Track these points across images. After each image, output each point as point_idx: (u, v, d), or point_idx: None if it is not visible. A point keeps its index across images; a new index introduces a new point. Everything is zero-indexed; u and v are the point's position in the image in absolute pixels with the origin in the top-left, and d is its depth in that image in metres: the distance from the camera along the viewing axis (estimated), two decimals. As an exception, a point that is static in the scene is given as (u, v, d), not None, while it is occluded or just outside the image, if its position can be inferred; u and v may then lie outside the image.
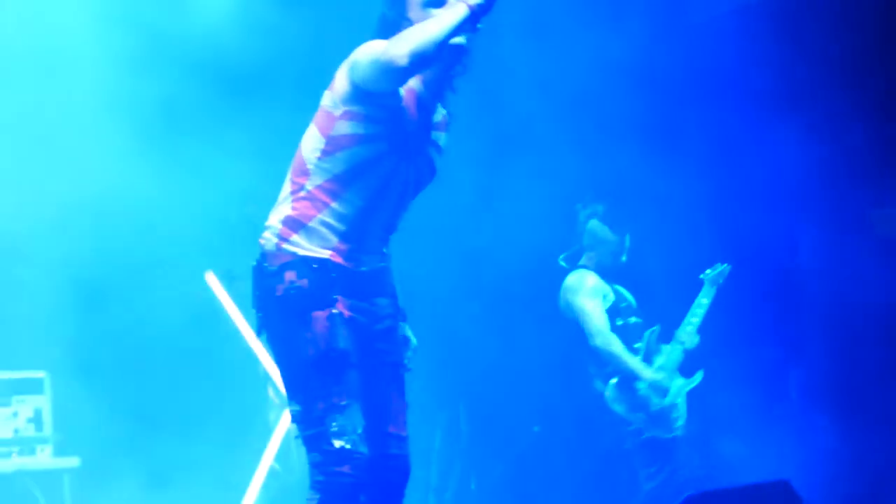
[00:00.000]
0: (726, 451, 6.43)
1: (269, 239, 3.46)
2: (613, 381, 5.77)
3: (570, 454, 6.68)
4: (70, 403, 5.87)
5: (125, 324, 6.42)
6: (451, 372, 6.86)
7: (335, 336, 3.35)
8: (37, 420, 5.67)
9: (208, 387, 6.50)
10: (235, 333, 6.70)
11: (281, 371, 3.51)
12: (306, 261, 3.39)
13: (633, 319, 5.85)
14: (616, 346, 5.74)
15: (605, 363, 5.76)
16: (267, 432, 6.86)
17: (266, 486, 6.67)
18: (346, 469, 3.28)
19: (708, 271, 5.92)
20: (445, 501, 6.95)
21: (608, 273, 5.88)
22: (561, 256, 6.00)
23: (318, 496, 3.30)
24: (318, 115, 3.51)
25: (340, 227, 3.43)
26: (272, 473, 6.74)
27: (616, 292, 5.90)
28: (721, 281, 5.92)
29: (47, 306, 6.08)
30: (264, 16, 6.26)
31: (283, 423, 6.92)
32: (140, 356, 6.40)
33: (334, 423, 3.28)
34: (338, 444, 3.27)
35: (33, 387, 5.71)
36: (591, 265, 5.89)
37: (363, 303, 3.49)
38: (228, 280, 6.59)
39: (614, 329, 5.78)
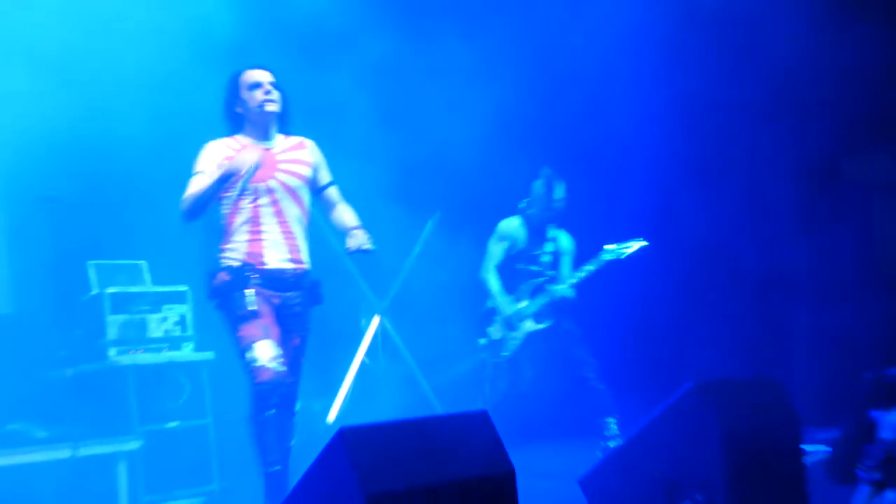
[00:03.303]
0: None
1: (218, 250, 4.23)
2: (489, 304, 5.90)
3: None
4: (207, 310, 5.95)
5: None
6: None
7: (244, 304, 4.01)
8: (182, 323, 5.72)
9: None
10: (336, 257, 6.81)
11: (227, 326, 4.13)
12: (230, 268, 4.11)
13: (534, 268, 5.83)
14: (491, 280, 5.86)
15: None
16: (360, 333, 6.96)
17: (358, 376, 6.79)
18: (260, 381, 3.87)
19: (611, 246, 5.71)
20: None
21: (539, 220, 5.87)
22: (522, 202, 6.02)
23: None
24: None
25: (242, 238, 4.16)
26: (363, 367, 6.85)
27: (537, 241, 5.87)
28: (624, 256, 5.66)
29: (189, 236, 6.16)
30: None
31: (373, 327, 7.02)
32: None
33: (247, 353, 3.93)
34: (254, 365, 3.92)
35: (179, 298, 5.76)
36: (526, 213, 5.92)
37: (274, 291, 4.10)
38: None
39: (512, 270, 5.85)
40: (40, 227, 5.84)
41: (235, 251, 4.05)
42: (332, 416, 6.61)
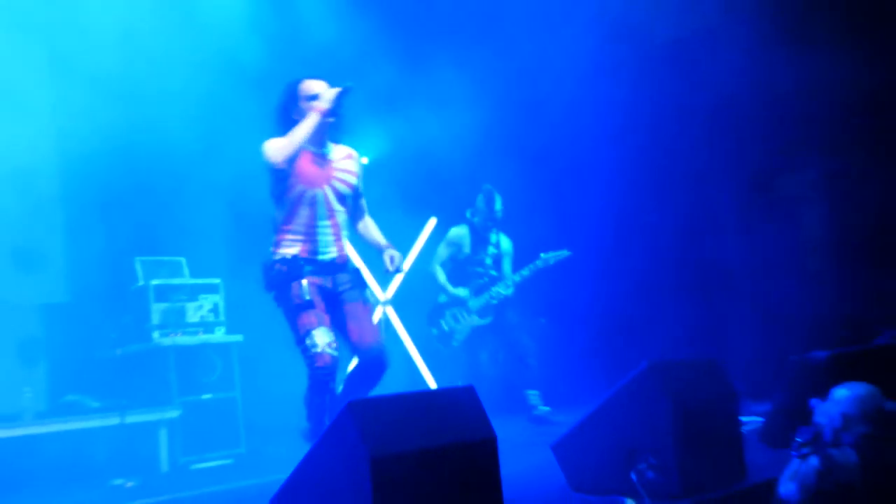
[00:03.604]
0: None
1: (269, 247, 3.85)
2: (440, 299, 5.80)
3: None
4: (236, 299, 5.94)
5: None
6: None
7: (302, 294, 3.69)
8: (215, 310, 5.72)
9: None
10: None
11: (284, 315, 3.79)
12: (284, 259, 3.76)
13: (478, 269, 5.78)
14: (438, 273, 5.83)
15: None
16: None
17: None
18: (319, 365, 3.60)
19: (543, 254, 5.72)
20: None
21: (482, 228, 5.82)
22: (467, 212, 5.95)
23: (307, 382, 3.67)
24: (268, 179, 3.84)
25: (296, 237, 3.80)
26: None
27: (481, 246, 5.79)
28: (552, 262, 5.69)
29: (222, 236, 6.20)
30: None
31: (376, 316, 7.00)
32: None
33: (307, 340, 3.63)
34: (312, 351, 3.62)
35: (212, 289, 5.76)
36: (470, 221, 5.87)
37: (325, 276, 3.80)
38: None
39: (463, 273, 5.80)
40: (95, 227, 5.82)
41: (289, 247, 3.78)
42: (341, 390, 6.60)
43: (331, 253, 3.84)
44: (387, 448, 2.35)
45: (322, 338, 3.60)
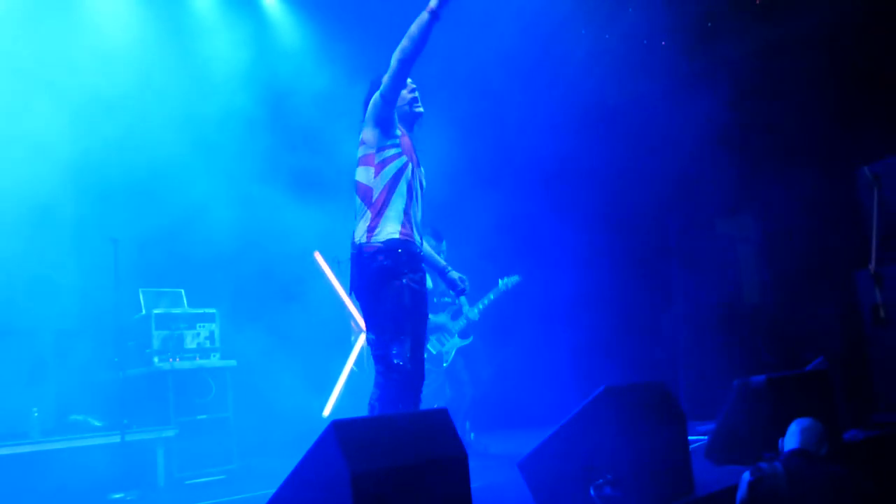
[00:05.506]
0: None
1: (362, 234, 3.20)
2: None
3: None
4: (230, 328, 5.86)
5: (264, 284, 6.44)
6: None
7: (403, 298, 3.15)
8: (211, 338, 5.63)
9: (315, 321, 6.46)
10: (332, 290, 6.73)
11: (365, 315, 3.23)
12: (385, 250, 3.14)
13: (445, 299, 5.48)
14: None
15: None
16: (349, 347, 6.88)
17: (348, 381, 6.69)
18: (396, 376, 3.18)
19: (501, 280, 5.51)
20: None
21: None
22: None
23: (378, 391, 3.22)
24: (361, 159, 3.23)
25: (395, 221, 3.18)
26: (352, 373, 6.76)
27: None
28: (510, 287, 5.47)
29: (219, 271, 6.12)
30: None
31: (359, 343, 6.94)
32: (270, 302, 6.41)
33: (394, 349, 3.16)
34: (395, 361, 3.16)
35: (209, 318, 5.67)
36: None
37: (416, 274, 3.22)
38: (334, 262, 6.54)
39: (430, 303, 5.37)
40: (103, 261, 5.72)
41: (390, 231, 3.16)
42: (327, 411, 6.51)
43: (417, 241, 3.25)
44: (367, 465, 2.30)
45: (406, 350, 3.14)
